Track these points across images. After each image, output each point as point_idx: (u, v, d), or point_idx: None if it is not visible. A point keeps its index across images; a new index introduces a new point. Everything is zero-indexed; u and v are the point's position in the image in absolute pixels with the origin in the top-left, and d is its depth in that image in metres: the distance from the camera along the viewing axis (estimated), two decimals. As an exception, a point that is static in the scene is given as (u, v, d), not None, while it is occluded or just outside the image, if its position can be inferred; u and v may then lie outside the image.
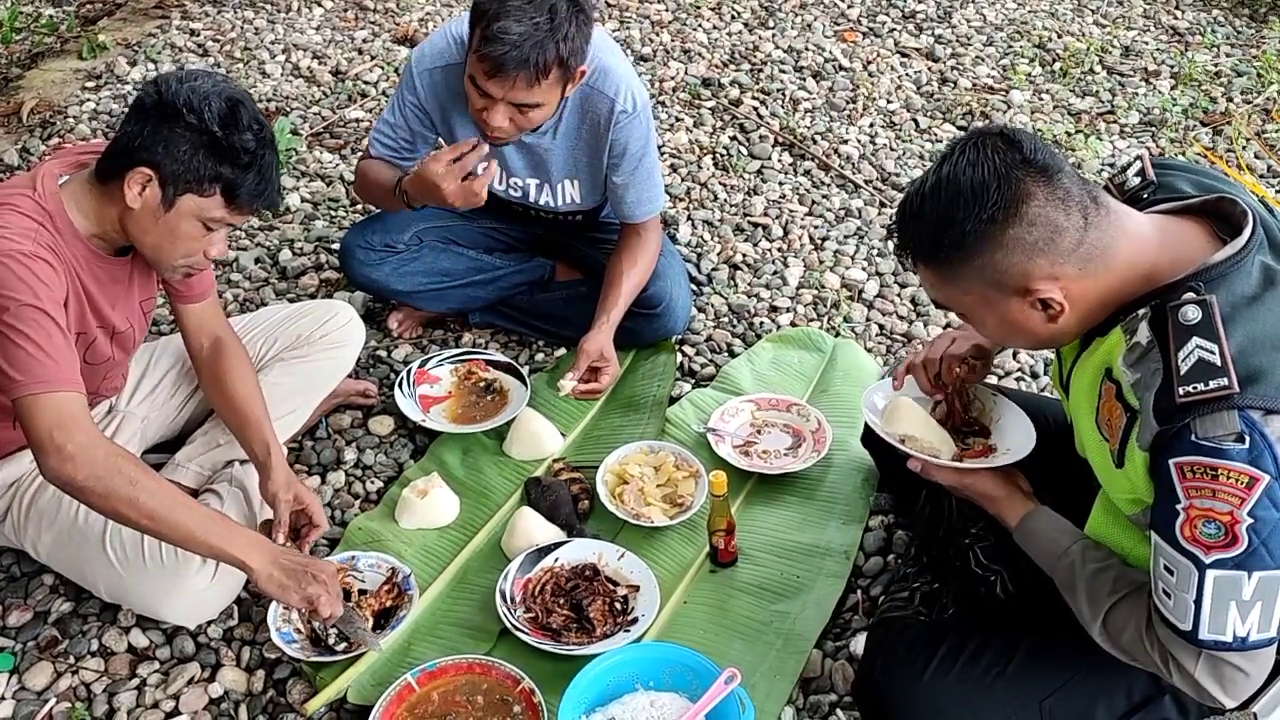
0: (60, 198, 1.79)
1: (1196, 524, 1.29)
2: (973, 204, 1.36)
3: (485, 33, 2.03)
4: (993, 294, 1.42)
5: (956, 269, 1.42)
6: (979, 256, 1.38)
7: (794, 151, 3.44)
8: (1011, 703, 1.56)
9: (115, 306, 1.91)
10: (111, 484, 1.68)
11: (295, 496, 1.98)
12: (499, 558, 2.12)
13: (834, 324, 2.75)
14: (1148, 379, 1.34)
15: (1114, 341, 1.41)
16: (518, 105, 2.12)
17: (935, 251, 1.42)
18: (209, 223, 1.80)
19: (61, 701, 1.89)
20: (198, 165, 1.73)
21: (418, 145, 2.43)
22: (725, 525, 2.05)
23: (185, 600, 1.94)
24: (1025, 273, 1.38)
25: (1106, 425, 1.42)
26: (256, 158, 1.76)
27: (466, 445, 2.39)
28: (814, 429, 2.35)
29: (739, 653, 1.91)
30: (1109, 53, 4.05)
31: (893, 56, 3.99)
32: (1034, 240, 1.36)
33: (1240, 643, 1.32)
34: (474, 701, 1.82)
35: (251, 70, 3.85)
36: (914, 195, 1.44)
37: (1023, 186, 1.36)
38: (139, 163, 1.73)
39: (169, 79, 1.76)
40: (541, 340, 2.70)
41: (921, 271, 1.48)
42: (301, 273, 2.89)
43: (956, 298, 1.47)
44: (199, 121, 1.72)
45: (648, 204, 2.45)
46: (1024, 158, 1.37)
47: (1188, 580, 1.31)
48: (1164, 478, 1.32)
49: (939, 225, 1.40)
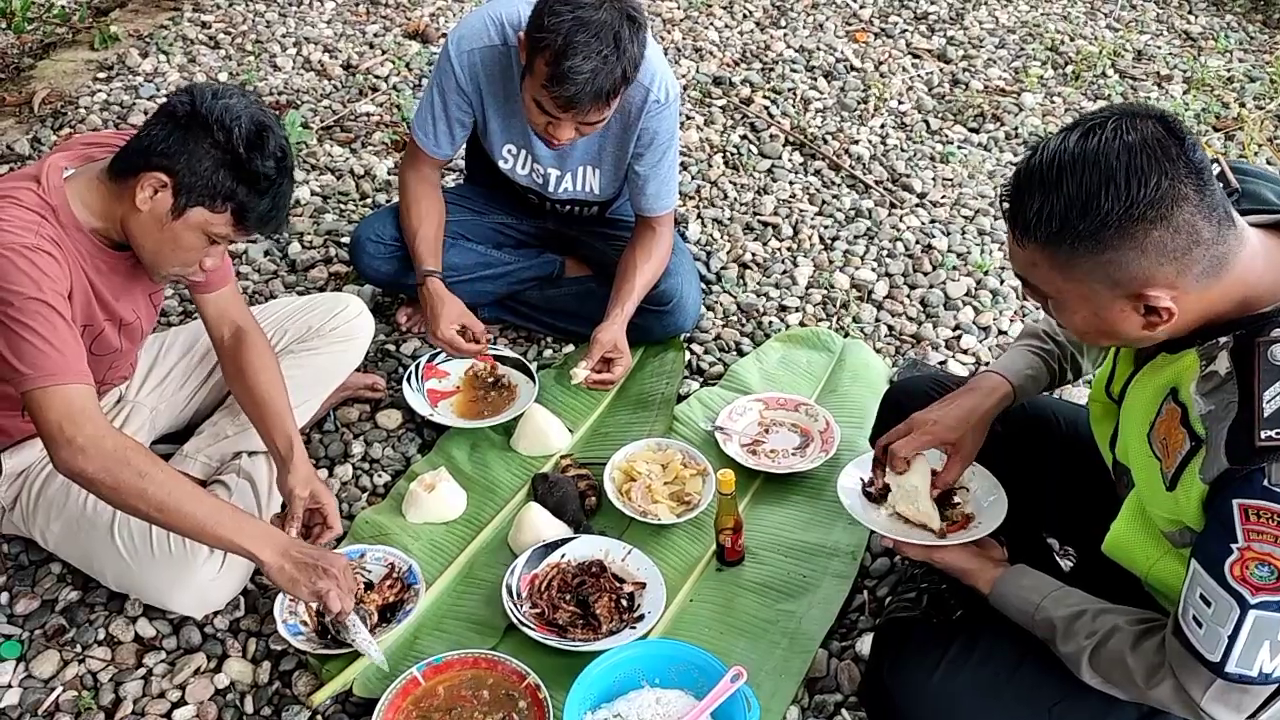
0: (65, 192, 1.78)
1: (1249, 565, 1.25)
2: (1124, 193, 1.22)
3: (554, 71, 2.03)
4: (1101, 290, 1.30)
5: (1077, 257, 1.27)
6: (1112, 251, 1.25)
7: (804, 151, 3.43)
8: (1021, 706, 1.55)
9: (121, 298, 1.91)
10: (121, 476, 1.68)
11: (312, 494, 1.98)
12: (505, 553, 2.12)
13: (843, 324, 2.74)
14: (1220, 411, 1.27)
15: (1187, 364, 1.34)
16: (585, 123, 2.16)
17: (1061, 233, 1.27)
18: (213, 237, 1.80)
19: (68, 690, 1.89)
20: (216, 182, 1.74)
21: (456, 132, 2.43)
22: (732, 524, 2.05)
23: (192, 591, 1.94)
24: (1148, 277, 1.26)
25: (1161, 445, 1.36)
26: (274, 185, 1.77)
27: (474, 440, 2.39)
28: (822, 429, 2.35)
29: (744, 651, 1.91)
30: (1121, 56, 4.04)
31: (904, 57, 3.99)
32: (1173, 248, 1.24)
33: (1264, 678, 1.30)
34: (479, 696, 1.82)
35: (263, 63, 3.85)
36: (1047, 163, 1.27)
37: (1180, 188, 1.23)
38: (157, 167, 1.73)
39: (204, 90, 1.76)
40: (550, 336, 2.70)
41: (1026, 248, 1.32)
42: (311, 266, 2.89)
43: (1055, 284, 1.33)
44: (226, 139, 1.72)
45: (666, 197, 2.45)
46: (1184, 153, 1.24)
47: (1226, 615, 1.28)
48: (1224, 514, 1.26)
49: (1076, 206, 1.24)
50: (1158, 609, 1.50)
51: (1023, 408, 1.85)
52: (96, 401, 1.73)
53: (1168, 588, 1.44)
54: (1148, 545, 1.45)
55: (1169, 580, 1.42)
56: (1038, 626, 1.54)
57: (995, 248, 3.01)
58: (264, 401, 2.03)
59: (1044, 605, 1.54)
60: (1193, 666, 1.34)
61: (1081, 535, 1.81)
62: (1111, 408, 1.56)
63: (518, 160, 2.48)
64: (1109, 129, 1.25)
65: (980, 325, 2.75)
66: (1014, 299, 2.83)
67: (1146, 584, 1.51)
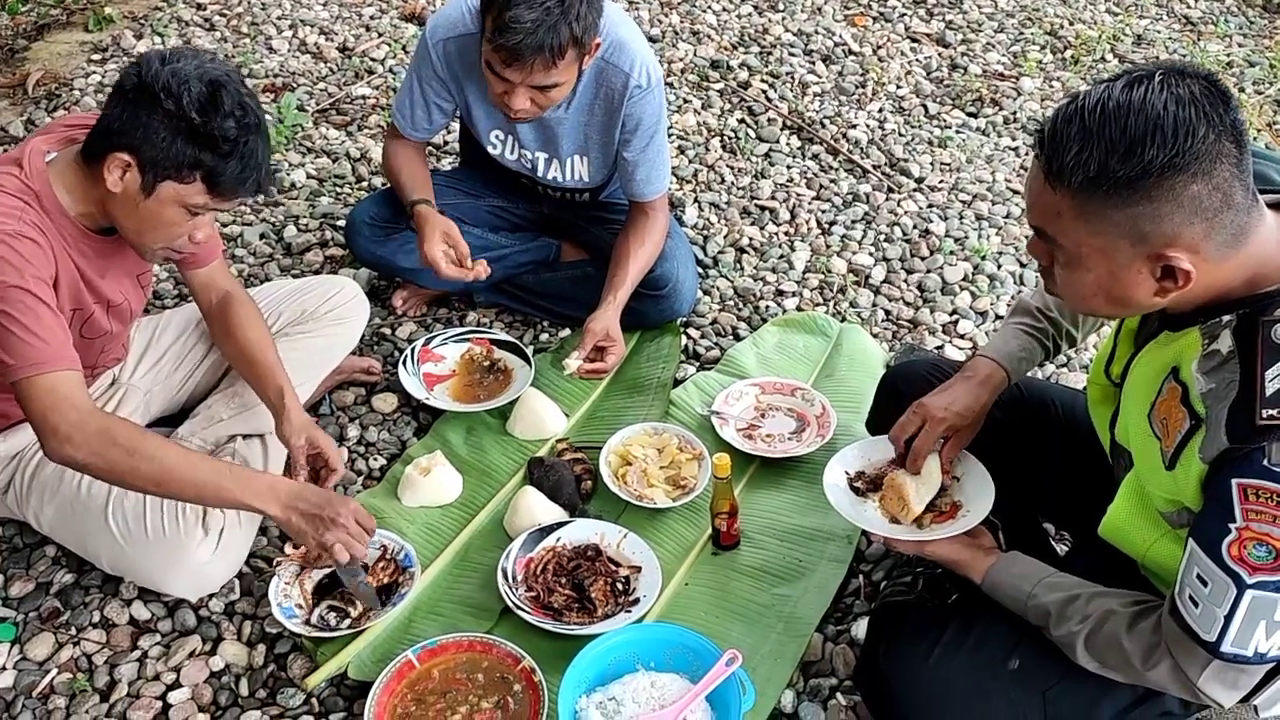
0: (48, 176, 1.75)
1: (1247, 545, 1.24)
2: (1170, 142, 1.20)
3: (498, 22, 2.02)
4: (1124, 246, 1.27)
5: (1109, 206, 1.25)
6: (1147, 203, 1.23)
7: (802, 135, 3.42)
8: (1015, 690, 1.55)
9: (108, 281, 1.89)
10: (111, 457, 1.68)
11: (309, 440, 1.98)
12: (501, 536, 2.12)
13: (840, 309, 2.74)
14: (1221, 390, 1.26)
15: (1189, 343, 1.34)
16: (537, 87, 2.12)
17: (1098, 178, 1.23)
18: (192, 209, 1.76)
19: (63, 672, 1.89)
20: (176, 152, 1.68)
21: (434, 118, 2.43)
22: (728, 508, 2.05)
23: (187, 573, 1.94)
24: (1175, 236, 1.24)
25: (1162, 424, 1.36)
26: (238, 145, 1.70)
27: (470, 424, 2.38)
28: (818, 414, 2.35)
29: (740, 635, 1.91)
30: (1120, 41, 4.02)
31: (903, 41, 3.97)
32: (1208, 206, 1.22)
33: (1260, 658, 1.30)
34: (474, 679, 1.82)
35: (258, 45, 3.83)
36: (1090, 108, 1.24)
37: (1225, 146, 1.21)
38: (118, 147, 1.69)
39: (151, 59, 1.69)
40: (546, 320, 2.70)
41: (1057, 194, 1.28)
42: (306, 249, 2.88)
43: (1077, 235, 1.30)
44: (177, 107, 1.66)
45: (657, 181, 2.44)
46: (1230, 112, 1.22)
47: (1223, 595, 1.28)
48: (1222, 494, 1.25)
49: (1119, 151, 1.22)
50: (1153, 593, 1.50)
51: (1020, 393, 1.84)
52: (83, 387, 1.72)
53: (1164, 570, 1.44)
54: (1145, 527, 1.45)
55: (1166, 562, 1.42)
56: (1031, 613, 1.54)
57: (993, 233, 3.01)
58: (253, 357, 2.04)
59: (1037, 592, 1.54)
60: (1189, 647, 1.34)
61: (1077, 520, 1.81)
62: (1111, 390, 1.56)
63: (505, 145, 2.47)
64: (1156, 81, 1.23)
65: (977, 310, 2.74)
66: (1011, 284, 2.83)
67: (1143, 566, 1.51)
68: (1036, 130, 1.32)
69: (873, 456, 1.88)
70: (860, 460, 1.89)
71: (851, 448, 1.92)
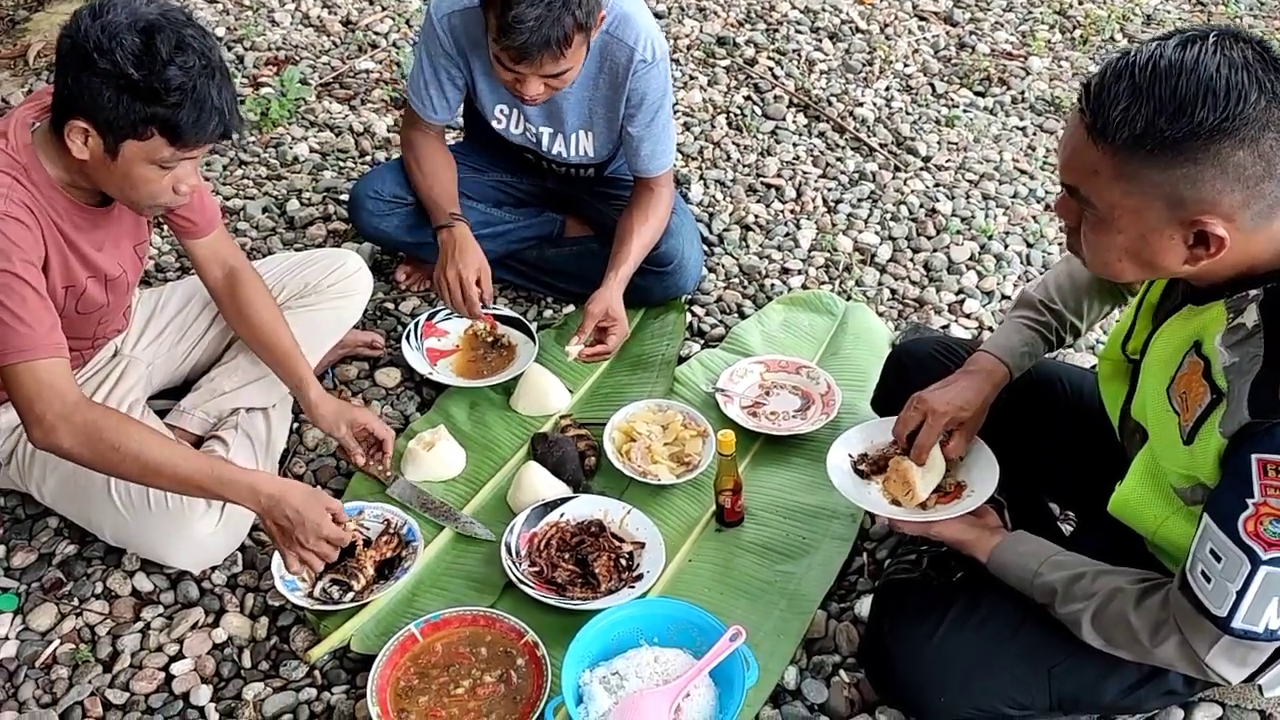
0: (34, 148, 1.71)
1: (1264, 521, 1.23)
2: (1221, 103, 1.17)
3: (501, 22, 2.00)
4: (1159, 209, 1.25)
5: (1150, 167, 1.22)
6: (1190, 165, 1.20)
7: (809, 113, 3.40)
8: (1020, 667, 1.55)
9: (103, 252, 1.86)
10: (95, 449, 1.69)
11: (351, 423, 2.04)
12: (505, 511, 2.11)
13: (845, 287, 2.72)
14: (1244, 365, 1.25)
15: (1213, 316, 1.32)
16: (548, 75, 2.11)
17: (1144, 136, 1.21)
18: (162, 164, 1.68)
19: (65, 643, 1.89)
20: (125, 111, 1.59)
21: (450, 96, 2.40)
22: (732, 485, 2.04)
23: (190, 546, 1.94)
24: (1214, 202, 1.22)
25: (1181, 399, 1.34)
26: (187, 93, 1.59)
27: (473, 399, 2.37)
28: (823, 391, 2.34)
29: (743, 612, 1.91)
30: (1130, 20, 3.99)
31: (910, 20, 3.93)
32: (1249, 174, 1.20)
33: (1270, 635, 1.30)
34: (477, 653, 1.82)
35: (260, 18, 3.80)
36: (1141, 65, 1.22)
37: (1273, 112, 1.18)
38: (74, 114, 1.62)
39: (82, 16, 1.59)
40: (550, 296, 2.68)
41: (1098, 150, 1.25)
42: (309, 223, 2.87)
43: (1112, 195, 1.27)
44: (113, 65, 1.56)
45: (662, 157, 2.42)
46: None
47: (1236, 571, 1.27)
48: (1241, 469, 1.24)
49: (1168, 111, 1.19)
50: (1159, 573, 1.49)
51: (1027, 372, 1.83)
52: (68, 375, 1.70)
53: (1174, 547, 1.43)
54: (1157, 503, 1.44)
55: (1176, 539, 1.41)
56: (1037, 591, 1.54)
57: (1000, 212, 2.99)
58: (268, 344, 2.06)
59: (1043, 570, 1.53)
60: (1198, 622, 1.34)
61: (1083, 499, 1.80)
62: (1124, 366, 1.55)
63: (510, 120, 2.45)
64: (1210, 43, 1.20)
65: (984, 290, 2.73)
66: (1018, 264, 2.81)
67: (1151, 544, 1.51)
68: (1083, 84, 1.29)
69: (876, 439, 1.87)
70: (863, 443, 1.88)
71: (854, 430, 1.91)
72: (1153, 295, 1.51)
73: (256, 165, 3.11)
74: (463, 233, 2.37)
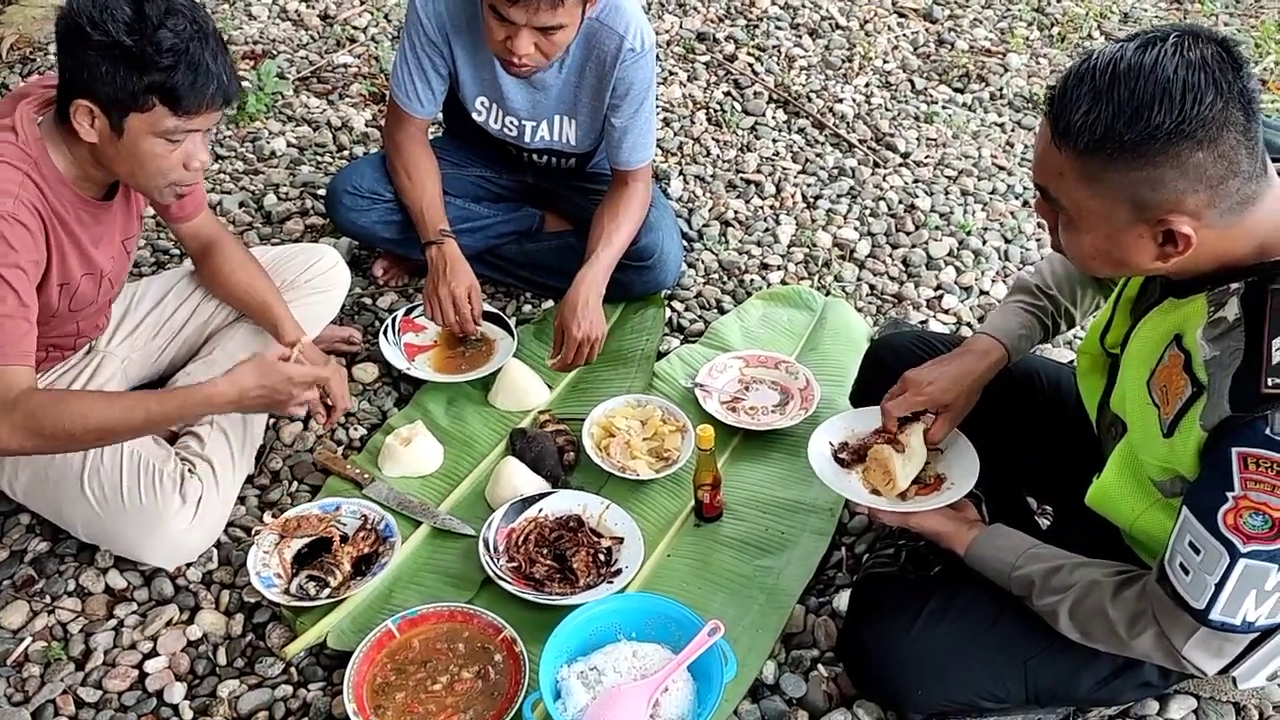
0: (44, 142, 1.72)
1: (1243, 514, 1.24)
2: (1178, 107, 1.18)
3: None
4: (1125, 210, 1.26)
5: (1111, 169, 1.23)
6: (1150, 168, 1.21)
7: (788, 109, 3.40)
8: (996, 660, 1.56)
9: (101, 247, 1.86)
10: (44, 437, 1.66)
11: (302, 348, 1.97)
12: (483, 507, 2.10)
13: (825, 283, 2.73)
14: (1225, 358, 1.25)
15: (1194, 310, 1.33)
16: (541, 29, 2.08)
17: (1104, 141, 1.22)
18: (168, 136, 1.70)
19: (38, 640, 1.87)
20: (124, 82, 1.62)
21: (435, 86, 2.38)
22: (711, 480, 2.04)
23: (164, 542, 1.92)
24: (1177, 202, 1.23)
25: (1161, 392, 1.35)
26: (180, 55, 1.62)
27: (451, 395, 2.36)
28: (802, 386, 2.34)
29: (722, 606, 1.91)
30: (1107, 18, 4.01)
31: (890, 16, 3.94)
32: (1212, 174, 1.21)
33: (1247, 627, 1.31)
34: (455, 649, 1.81)
35: (238, 12, 3.77)
36: (1100, 69, 1.22)
37: (1233, 114, 1.19)
38: (77, 94, 1.65)
39: None
40: (529, 291, 2.68)
41: (1062, 154, 1.27)
42: (286, 218, 2.85)
43: (1078, 197, 1.28)
44: (106, 36, 1.59)
45: (643, 150, 2.41)
46: (1240, 80, 1.20)
47: (1215, 563, 1.27)
48: (1220, 463, 1.24)
49: (1125, 114, 1.20)
50: (1136, 565, 1.50)
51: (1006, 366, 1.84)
52: (31, 382, 1.68)
53: (1152, 539, 1.44)
54: (1135, 496, 1.44)
55: (1154, 531, 1.42)
56: (1014, 584, 1.54)
57: (978, 208, 3.00)
58: (244, 299, 2.11)
59: (1020, 563, 1.54)
60: (1175, 614, 1.35)
61: (1061, 493, 1.81)
62: (1102, 360, 1.55)
63: (490, 113, 2.44)
64: (1169, 44, 1.21)
65: (962, 285, 2.74)
66: (996, 260, 2.82)
67: (1129, 536, 1.51)
68: (1048, 87, 1.30)
69: (857, 428, 1.87)
70: (844, 431, 1.88)
71: (836, 418, 1.91)
72: (1130, 290, 1.52)
73: (233, 160, 3.09)
74: (452, 250, 2.37)
